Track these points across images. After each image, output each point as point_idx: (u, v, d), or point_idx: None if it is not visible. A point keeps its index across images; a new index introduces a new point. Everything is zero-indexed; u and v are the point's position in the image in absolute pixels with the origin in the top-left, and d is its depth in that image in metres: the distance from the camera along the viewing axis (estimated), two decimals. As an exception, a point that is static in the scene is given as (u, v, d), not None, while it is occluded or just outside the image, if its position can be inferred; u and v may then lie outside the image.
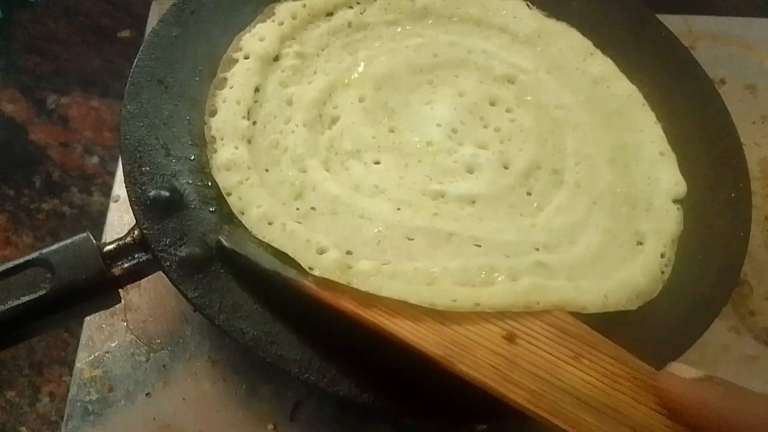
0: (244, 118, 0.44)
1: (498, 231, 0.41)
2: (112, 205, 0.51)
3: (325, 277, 0.37)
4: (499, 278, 0.38)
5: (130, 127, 0.42)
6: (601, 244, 0.42)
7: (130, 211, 0.40)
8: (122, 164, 0.41)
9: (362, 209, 0.41)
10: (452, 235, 0.40)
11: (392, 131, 0.46)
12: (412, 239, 0.39)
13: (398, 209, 0.41)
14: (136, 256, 0.39)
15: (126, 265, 0.39)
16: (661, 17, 0.54)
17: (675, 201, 0.44)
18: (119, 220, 0.50)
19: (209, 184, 0.42)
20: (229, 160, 0.42)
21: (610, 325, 0.37)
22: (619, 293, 0.39)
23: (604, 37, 0.51)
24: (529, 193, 0.44)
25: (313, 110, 0.46)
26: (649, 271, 0.41)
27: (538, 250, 0.40)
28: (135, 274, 0.39)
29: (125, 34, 0.86)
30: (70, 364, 0.56)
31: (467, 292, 0.36)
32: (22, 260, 0.36)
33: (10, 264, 0.36)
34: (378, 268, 0.37)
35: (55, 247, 0.37)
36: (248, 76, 0.46)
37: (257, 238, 0.39)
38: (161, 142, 0.43)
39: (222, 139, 0.43)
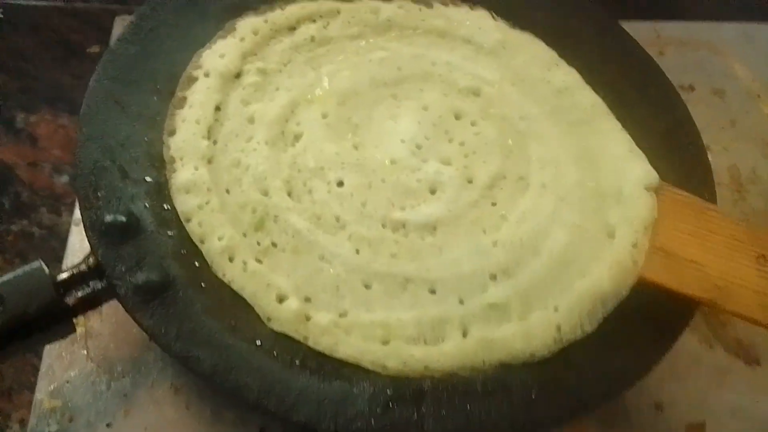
0: (204, 137, 0.44)
1: (455, 263, 0.40)
2: (74, 229, 0.50)
3: (282, 331, 0.37)
4: (450, 332, 0.38)
5: (85, 150, 0.41)
6: (567, 244, 0.41)
7: None
8: (77, 189, 0.40)
9: (323, 249, 0.41)
10: (408, 282, 0.40)
11: (356, 147, 0.46)
12: (370, 287, 0.39)
13: (357, 251, 0.41)
14: (91, 283, 0.38)
15: (80, 294, 0.38)
16: (629, 24, 0.54)
17: (647, 188, 0.43)
18: (80, 244, 0.49)
19: (167, 207, 0.41)
20: (189, 181, 0.42)
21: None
22: (576, 311, 0.39)
23: (568, 47, 0.51)
24: (494, 204, 0.44)
25: (276, 127, 0.45)
26: (617, 271, 0.40)
27: (494, 278, 0.40)
28: (90, 303, 0.38)
29: (95, 49, 0.85)
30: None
31: (419, 352, 0.37)
32: (-30, 293, 0.35)
33: (-42, 297, 0.35)
34: (335, 321, 0.37)
35: (6, 277, 0.36)
36: (208, 94, 0.46)
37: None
38: (118, 165, 0.42)
39: (181, 160, 0.43)
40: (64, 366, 0.44)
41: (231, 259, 0.39)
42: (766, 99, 0.63)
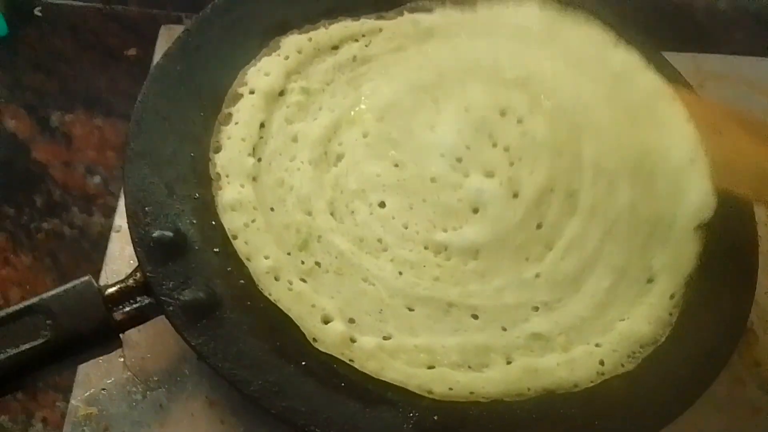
0: (249, 155, 0.44)
1: (498, 292, 0.41)
2: (113, 236, 0.50)
3: (328, 352, 0.37)
4: (494, 359, 0.38)
5: (133, 167, 0.42)
6: (608, 288, 0.41)
7: (130, 243, 0.40)
8: (125, 204, 0.41)
9: (366, 272, 0.41)
10: (451, 307, 0.40)
11: (396, 165, 0.46)
12: (413, 310, 0.40)
13: (400, 273, 0.41)
14: (138, 299, 0.39)
15: (128, 309, 0.38)
16: (670, 54, 0.54)
17: (697, 227, 0.43)
18: (120, 251, 0.49)
19: (213, 223, 0.42)
20: (235, 199, 0.42)
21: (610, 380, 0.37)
22: (619, 351, 0.39)
23: (626, 27, 0.49)
24: (539, 226, 0.43)
25: (319, 148, 0.46)
26: (656, 316, 0.40)
27: (537, 309, 0.41)
28: (137, 319, 0.39)
29: (132, 53, 0.86)
30: (64, 390, 0.56)
31: (463, 378, 0.37)
32: (21, 306, 0.36)
33: (10, 310, 0.36)
34: (380, 345, 0.38)
35: (55, 291, 0.37)
36: (253, 112, 0.46)
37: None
38: (165, 181, 0.42)
39: (227, 177, 0.43)
40: (100, 374, 0.44)
41: (277, 279, 0.40)
42: None
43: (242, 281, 0.40)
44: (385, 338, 0.38)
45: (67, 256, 0.68)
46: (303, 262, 0.41)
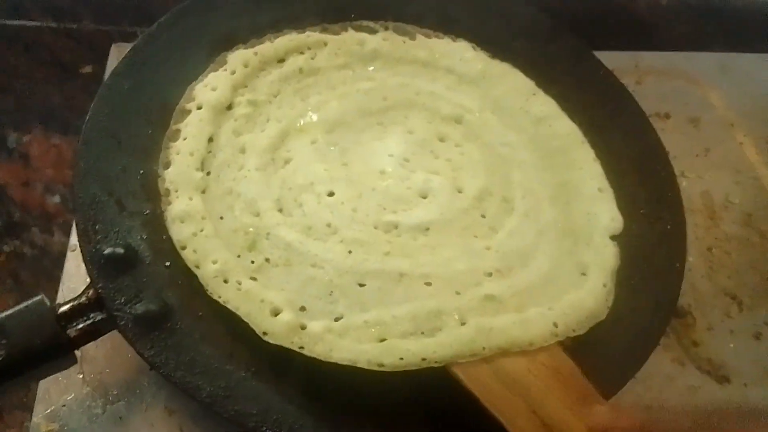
0: (197, 169, 0.45)
1: (449, 261, 0.42)
2: (70, 254, 0.51)
3: (278, 343, 0.38)
4: (447, 321, 0.40)
5: (83, 185, 0.43)
6: (549, 269, 0.44)
7: None
8: (76, 222, 0.42)
9: (314, 257, 0.42)
10: (403, 276, 0.41)
11: (345, 165, 0.47)
12: (364, 285, 0.41)
13: (350, 252, 0.42)
14: (91, 315, 0.40)
15: (81, 326, 0.39)
16: (610, 53, 0.57)
17: (612, 237, 0.46)
18: (76, 269, 0.50)
19: (164, 237, 0.43)
20: (184, 211, 0.43)
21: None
22: (569, 317, 0.41)
23: (545, 76, 0.53)
24: (483, 216, 0.45)
25: (266, 155, 0.47)
26: (596, 296, 0.43)
27: (490, 275, 0.42)
28: (91, 334, 0.40)
29: (87, 69, 0.86)
30: (31, 409, 0.56)
31: (414, 346, 0.38)
32: (-25, 328, 0.37)
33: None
34: (329, 327, 0.38)
35: (9, 312, 0.38)
36: (201, 126, 0.47)
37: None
38: (115, 198, 0.43)
39: (176, 192, 0.44)
40: (60, 390, 0.45)
41: (226, 281, 0.41)
42: (739, 128, 0.65)
43: (193, 293, 0.41)
44: (336, 319, 0.39)
45: (28, 275, 0.68)
46: (252, 262, 0.42)
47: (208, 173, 0.46)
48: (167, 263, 0.42)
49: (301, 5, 0.54)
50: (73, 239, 0.51)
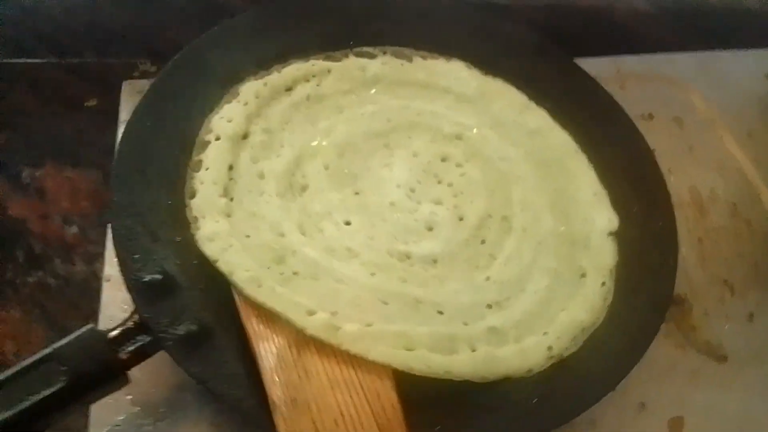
0: (221, 196, 0.49)
1: (456, 294, 0.46)
2: (105, 285, 0.54)
3: (318, 336, 0.41)
4: (461, 347, 0.44)
5: (118, 219, 0.46)
6: (547, 286, 0.47)
7: (123, 289, 0.44)
8: (116, 254, 0.45)
9: (340, 273, 0.45)
10: (419, 303, 0.45)
11: (357, 194, 0.51)
12: (387, 303, 0.44)
13: (372, 274, 0.46)
14: (138, 338, 0.43)
15: (130, 349, 0.42)
16: (591, 60, 0.60)
17: (609, 234, 0.50)
18: (113, 298, 0.53)
19: (195, 263, 0.46)
20: (212, 232, 0.46)
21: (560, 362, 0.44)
22: (564, 337, 0.45)
23: (536, 90, 0.57)
24: (483, 242, 0.49)
25: (284, 180, 0.50)
26: (591, 304, 0.47)
27: (490, 307, 0.46)
28: (140, 356, 0.43)
29: (92, 103, 0.89)
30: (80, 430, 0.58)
31: (438, 359, 0.42)
32: (37, 357, 0.40)
33: (26, 362, 0.40)
34: (363, 330, 0.42)
35: (65, 341, 0.41)
36: (221, 156, 0.50)
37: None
38: (148, 229, 0.47)
39: (204, 218, 0.47)
40: (111, 412, 0.48)
41: (260, 286, 0.44)
42: (720, 124, 0.69)
43: (228, 311, 0.44)
44: (367, 325, 0.43)
45: (54, 306, 0.71)
46: (282, 273, 0.45)
47: (231, 199, 0.49)
48: (201, 286, 0.45)
49: (303, 36, 0.57)
50: (108, 270, 0.54)
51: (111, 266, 0.53)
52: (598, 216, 0.51)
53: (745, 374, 0.53)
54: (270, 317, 0.42)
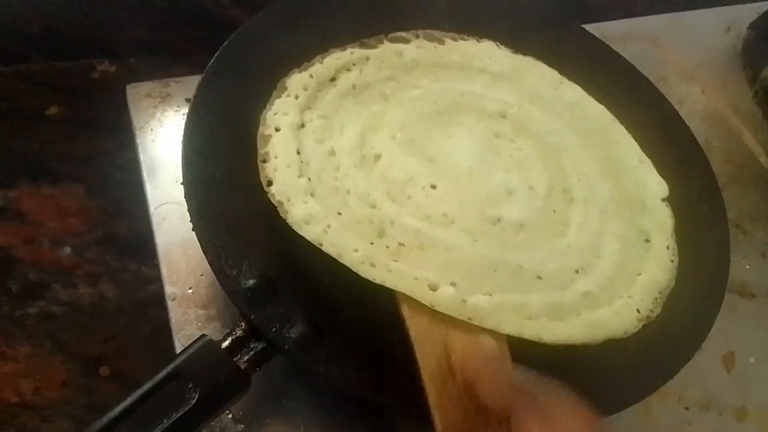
0: (299, 177, 0.47)
1: (546, 260, 0.47)
2: (171, 304, 0.51)
3: (447, 312, 0.41)
4: (568, 312, 0.45)
5: (203, 230, 0.44)
6: (619, 251, 0.49)
7: (192, 306, 0.43)
8: (210, 266, 0.43)
9: (445, 242, 0.45)
10: (521, 268, 0.46)
11: (431, 160, 0.50)
12: (497, 271, 0.45)
13: (475, 240, 0.46)
14: (251, 345, 0.41)
15: (247, 357, 0.41)
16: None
17: (663, 199, 0.53)
18: (184, 317, 0.50)
19: (289, 260, 0.45)
20: (306, 214, 0.44)
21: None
22: (646, 299, 0.48)
23: (564, 65, 0.59)
24: (554, 211, 0.50)
25: (356, 153, 0.49)
26: (663, 265, 0.50)
27: (578, 272, 0.47)
28: (258, 363, 0.41)
29: (53, 111, 0.84)
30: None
31: (560, 327, 0.44)
32: (161, 376, 0.37)
33: (151, 383, 0.37)
34: (488, 301, 0.42)
35: (184, 356, 0.38)
36: (286, 143, 0.49)
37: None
38: (234, 235, 0.45)
39: (288, 200, 0.45)
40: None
41: (373, 265, 0.42)
42: (699, 78, 0.75)
43: (335, 304, 0.44)
44: (487, 295, 0.43)
45: (66, 334, 0.66)
46: (388, 247, 0.44)
47: (309, 179, 0.47)
48: (301, 284, 0.44)
49: (336, 25, 0.56)
50: (168, 289, 0.51)
51: (171, 285, 0.51)
52: (649, 181, 0.54)
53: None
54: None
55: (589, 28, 0.67)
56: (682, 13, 0.81)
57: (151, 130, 0.60)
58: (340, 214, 0.45)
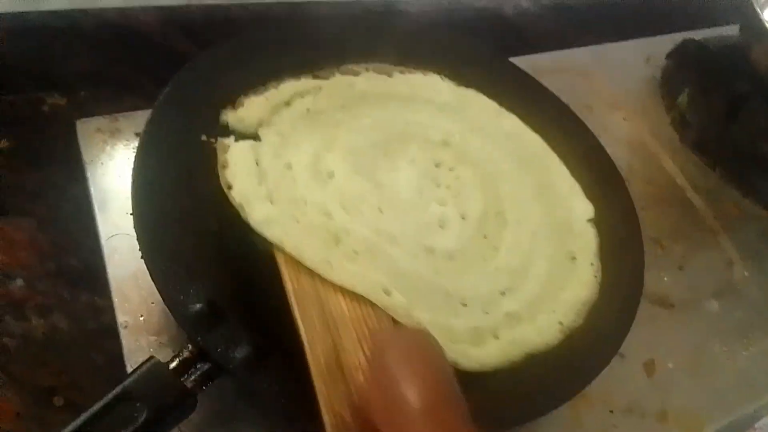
0: (258, 184, 0.50)
1: (474, 286, 0.51)
2: (123, 332, 0.52)
3: (398, 319, 0.44)
4: (486, 337, 0.48)
5: (152, 258, 0.45)
6: (547, 270, 0.54)
7: (144, 334, 0.45)
8: (159, 292, 0.45)
9: (392, 255, 0.48)
10: (449, 295, 0.49)
11: (378, 186, 0.54)
12: (432, 293, 0.48)
13: (415, 261, 0.49)
14: (198, 366, 0.43)
15: (193, 377, 0.43)
16: (513, 60, 0.68)
17: (588, 220, 0.58)
18: (135, 344, 0.51)
19: (236, 286, 0.47)
20: (266, 216, 0.47)
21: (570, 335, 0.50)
22: (569, 313, 0.52)
23: (502, 97, 0.64)
24: (485, 236, 0.55)
25: (312, 168, 0.52)
26: (586, 281, 0.54)
27: (504, 294, 0.51)
28: (204, 382, 0.43)
29: (3, 144, 0.84)
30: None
31: (476, 353, 0.47)
32: (111, 396, 0.39)
33: (101, 403, 0.39)
34: (427, 319, 0.45)
35: (132, 378, 0.40)
36: (244, 153, 0.52)
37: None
38: (182, 262, 0.47)
39: (249, 203, 0.48)
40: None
41: (331, 266, 0.45)
42: (622, 106, 0.81)
43: (282, 325, 0.46)
44: (427, 312, 0.46)
45: (18, 366, 0.66)
46: (344, 253, 0.47)
47: (267, 188, 0.50)
48: (245, 307, 0.46)
49: (292, 56, 0.60)
50: (121, 317, 0.52)
51: (123, 314, 0.52)
52: (576, 205, 0.59)
53: (689, 315, 0.64)
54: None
55: (522, 60, 0.72)
56: (607, 45, 0.88)
57: (102, 164, 0.61)
58: (298, 221, 0.48)
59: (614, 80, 0.84)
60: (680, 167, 0.77)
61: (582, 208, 0.59)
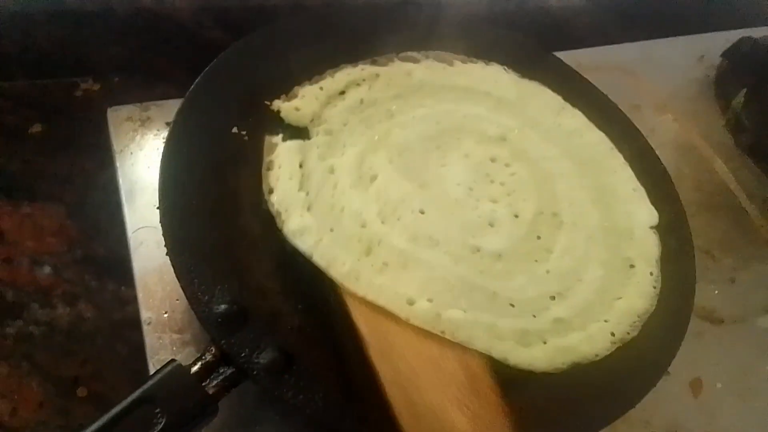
0: (299, 190, 0.49)
1: (522, 287, 0.48)
2: (147, 329, 0.51)
3: (422, 325, 0.42)
4: (534, 340, 0.46)
5: (177, 255, 0.44)
6: (602, 276, 0.50)
7: (167, 331, 0.43)
8: (183, 291, 0.43)
9: (428, 261, 0.47)
10: (495, 295, 0.47)
11: (423, 186, 0.52)
12: (473, 292, 0.46)
13: (456, 263, 0.47)
14: (221, 370, 0.41)
15: (215, 382, 0.41)
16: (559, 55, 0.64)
17: (651, 227, 0.54)
18: (158, 341, 0.50)
19: (262, 288, 0.45)
20: (300, 226, 0.47)
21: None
22: (623, 323, 0.49)
23: (569, 92, 0.60)
24: (538, 237, 0.51)
25: (354, 173, 0.51)
26: (644, 292, 0.51)
27: (554, 299, 0.49)
28: (227, 388, 0.41)
29: (36, 129, 0.84)
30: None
31: (524, 353, 0.45)
32: (129, 401, 0.38)
33: (119, 408, 0.37)
34: (463, 317, 0.43)
35: (153, 381, 0.39)
36: (290, 155, 0.50)
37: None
38: (208, 260, 0.45)
39: (286, 211, 0.47)
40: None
41: (358, 279, 0.44)
42: (671, 107, 0.77)
43: (307, 332, 0.44)
44: (464, 311, 0.44)
45: (43, 355, 0.66)
46: (372, 265, 0.46)
47: (308, 193, 0.49)
48: (273, 311, 0.45)
49: (352, 42, 0.58)
50: (144, 314, 0.51)
51: (147, 310, 0.51)
52: (639, 210, 0.55)
53: (739, 332, 0.60)
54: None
55: (562, 55, 0.68)
56: (655, 41, 0.83)
57: (131, 153, 0.60)
58: (332, 230, 0.47)
59: (663, 79, 0.79)
60: (734, 173, 0.73)
61: (646, 213, 0.55)
